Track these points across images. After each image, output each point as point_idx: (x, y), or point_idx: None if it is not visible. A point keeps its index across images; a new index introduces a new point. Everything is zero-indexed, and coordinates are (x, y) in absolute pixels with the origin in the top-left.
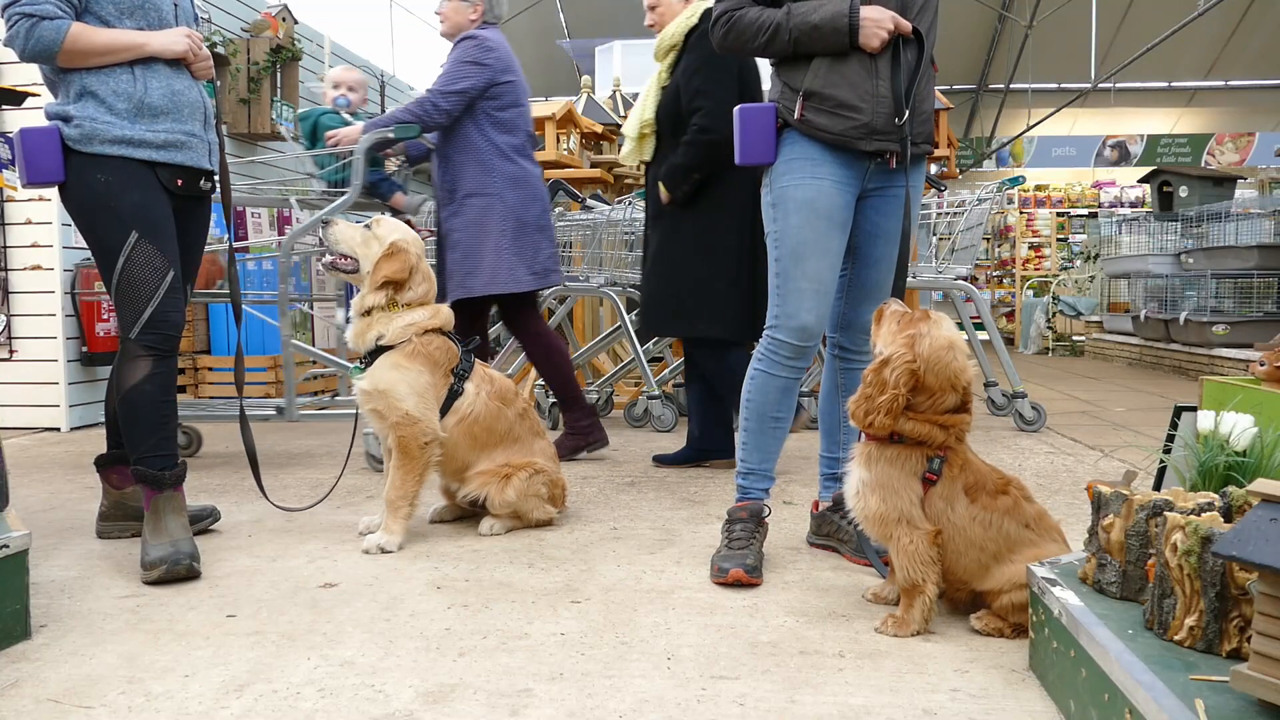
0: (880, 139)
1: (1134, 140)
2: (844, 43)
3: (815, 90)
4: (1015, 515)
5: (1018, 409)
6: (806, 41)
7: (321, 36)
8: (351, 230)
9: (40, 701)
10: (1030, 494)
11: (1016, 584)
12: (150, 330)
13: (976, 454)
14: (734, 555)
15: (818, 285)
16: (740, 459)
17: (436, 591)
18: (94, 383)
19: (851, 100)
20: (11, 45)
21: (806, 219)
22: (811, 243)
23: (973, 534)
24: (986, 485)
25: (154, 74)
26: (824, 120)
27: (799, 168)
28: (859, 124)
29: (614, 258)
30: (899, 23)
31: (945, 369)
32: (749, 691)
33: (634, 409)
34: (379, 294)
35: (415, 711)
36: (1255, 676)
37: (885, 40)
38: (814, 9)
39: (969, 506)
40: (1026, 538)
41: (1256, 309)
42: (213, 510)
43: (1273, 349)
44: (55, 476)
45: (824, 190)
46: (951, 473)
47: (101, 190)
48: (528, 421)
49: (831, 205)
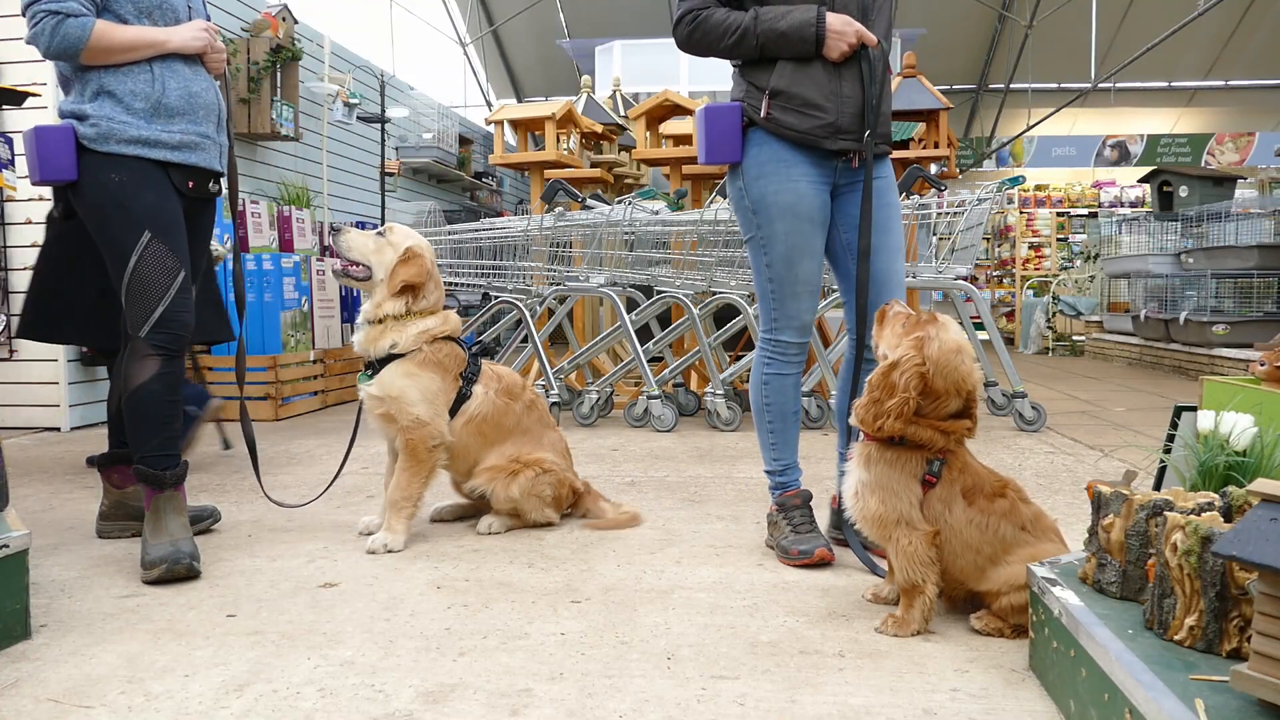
0: (845, 138)
1: (1134, 140)
2: (810, 51)
3: (782, 89)
4: (1011, 518)
5: (1018, 409)
6: (773, 47)
7: (321, 36)
8: (364, 238)
9: (40, 701)
10: (1027, 495)
11: (1015, 585)
12: (160, 330)
13: (974, 456)
14: (808, 538)
15: (810, 286)
16: (773, 459)
17: (436, 591)
18: (94, 382)
19: (817, 99)
20: (35, 43)
21: (792, 225)
22: (800, 247)
23: (969, 536)
24: (984, 488)
25: (172, 73)
26: (790, 119)
27: (773, 170)
28: (824, 123)
29: (614, 258)
30: (862, 34)
31: (953, 373)
32: (749, 691)
33: (634, 409)
34: (397, 301)
35: (415, 711)
36: (1255, 676)
37: (845, 52)
38: (781, 15)
39: (966, 509)
40: (1022, 539)
41: (1256, 309)
42: (213, 510)
43: (1273, 349)
44: (55, 476)
45: (802, 193)
46: (950, 475)
47: (115, 190)
48: (536, 412)
49: (811, 207)
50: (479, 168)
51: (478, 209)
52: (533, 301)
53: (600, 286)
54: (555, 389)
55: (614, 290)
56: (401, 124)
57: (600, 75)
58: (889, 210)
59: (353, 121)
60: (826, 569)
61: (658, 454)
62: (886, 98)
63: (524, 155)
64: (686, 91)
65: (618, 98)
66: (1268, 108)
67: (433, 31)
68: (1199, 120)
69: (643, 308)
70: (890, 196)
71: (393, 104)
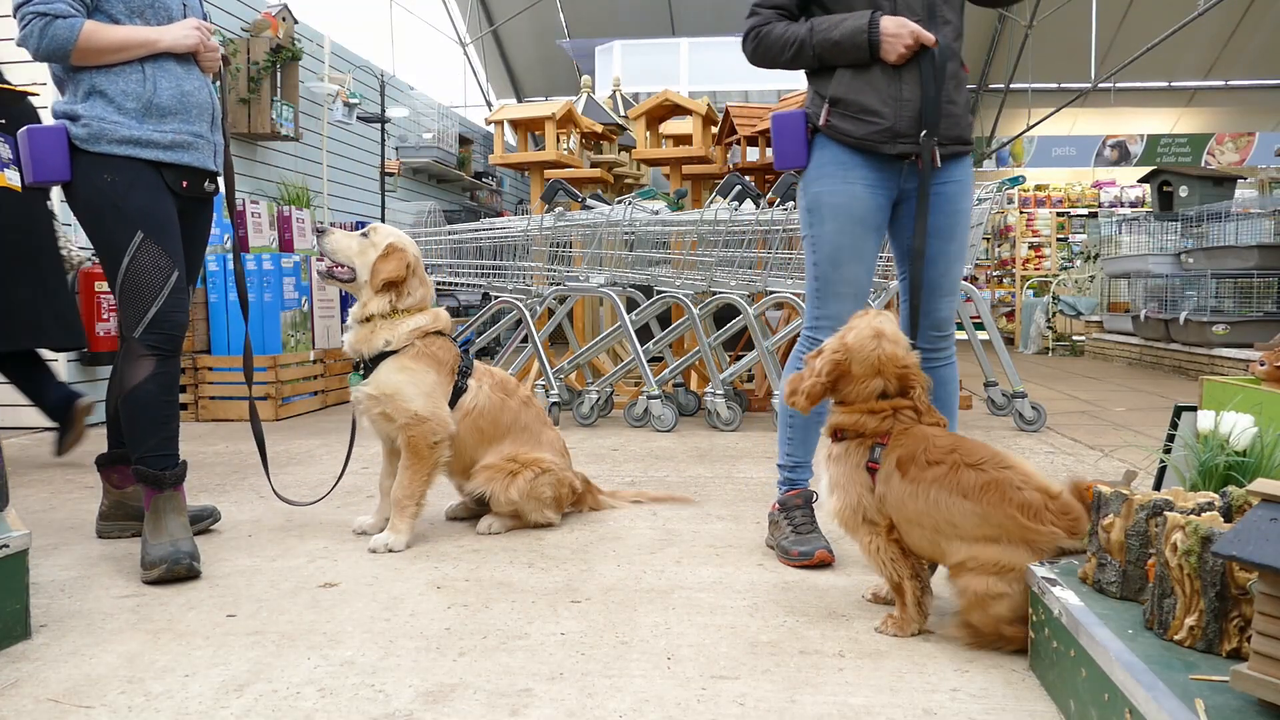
0: (905, 142)
1: (1134, 140)
2: (865, 57)
3: (840, 97)
4: (947, 484)
5: (1018, 409)
6: (829, 56)
7: (321, 36)
8: (348, 239)
9: (40, 701)
10: (989, 462)
11: (968, 566)
12: (154, 330)
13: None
14: (808, 538)
15: (855, 289)
16: (787, 454)
17: (436, 591)
18: (94, 382)
19: (874, 105)
20: (25, 44)
21: (841, 225)
22: (847, 248)
23: (909, 509)
24: (917, 458)
25: (164, 73)
26: (848, 125)
27: (830, 172)
28: (881, 128)
29: (614, 258)
30: (919, 35)
31: (869, 355)
32: (749, 691)
33: (634, 409)
34: (381, 299)
35: (415, 711)
36: (1255, 676)
37: (904, 55)
38: (835, 24)
39: (900, 481)
40: (963, 509)
41: (1256, 309)
42: (213, 510)
43: (1273, 349)
44: (55, 476)
45: (856, 195)
46: (888, 454)
47: (108, 190)
48: (532, 409)
49: (865, 209)
50: (479, 168)
51: (478, 209)
52: (533, 301)
53: (600, 286)
54: (555, 389)
55: (614, 290)
56: (401, 124)
57: (600, 75)
58: (955, 217)
59: (353, 121)
60: (826, 570)
61: (658, 454)
62: (961, 96)
63: (524, 155)
64: (686, 91)
65: (618, 98)
66: (1268, 108)
67: (433, 31)
68: (1199, 120)
69: (643, 308)
70: (962, 202)
71: (393, 104)
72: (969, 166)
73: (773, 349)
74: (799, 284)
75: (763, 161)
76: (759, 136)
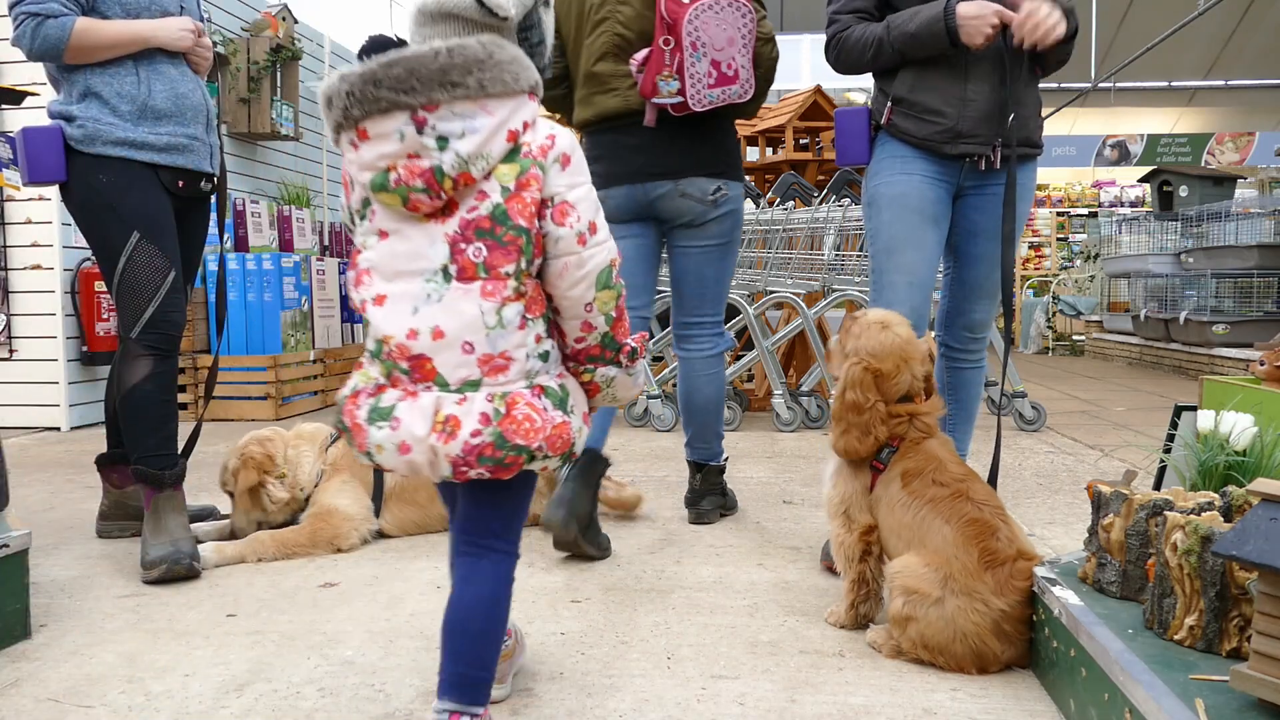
0: (967, 142)
1: (1134, 140)
2: (945, 45)
3: (903, 96)
4: (941, 508)
5: (1018, 408)
6: (911, 51)
7: (321, 36)
8: None
9: (40, 701)
10: (989, 505)
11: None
12: (151, 330)
13: (950, 454)
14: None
15: (911, 277)
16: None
17: (436, 591)
18: (94, 382)
19: (937, 105)
20: (19, 45)
21: (897, 214)
22: (902, 236)
23: (896, 519)
24: (925, 474)
25: (158, 75)
26: (909, 125)
27: (889, 166)
28: (943, 128)
29: None
30: (1003, 14)
31: (889, 347)
32: (749, 691)
33: (634, 409)
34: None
35: (415, 711)
36: (1255, 676)
37: (990, 36)
38: (910, 18)
39: (899, 490)
40: (942, 533)
41: (1256, 309)
42: (213, 510)
43: (1273, 349)
44: (55, 476)
45: (914, 185)
46: (897, 458)
47: (104, 190)
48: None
49: (922, 199)
50: None
51: None
52: None
53: None
54: None
55: None
56: None
57: None
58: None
59: None
60: (827, 569)
61: (658, 454)
62: (1030, 96)
63: None
64: None
65: None
66: (1268, 108)
67: None
68: (1199, 120)
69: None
70: (1019, 206)
71: None
72: (1032, 172)
73: (773, 349)
74: (799, 284)
75: (762, 161)
76: (759, 137)
